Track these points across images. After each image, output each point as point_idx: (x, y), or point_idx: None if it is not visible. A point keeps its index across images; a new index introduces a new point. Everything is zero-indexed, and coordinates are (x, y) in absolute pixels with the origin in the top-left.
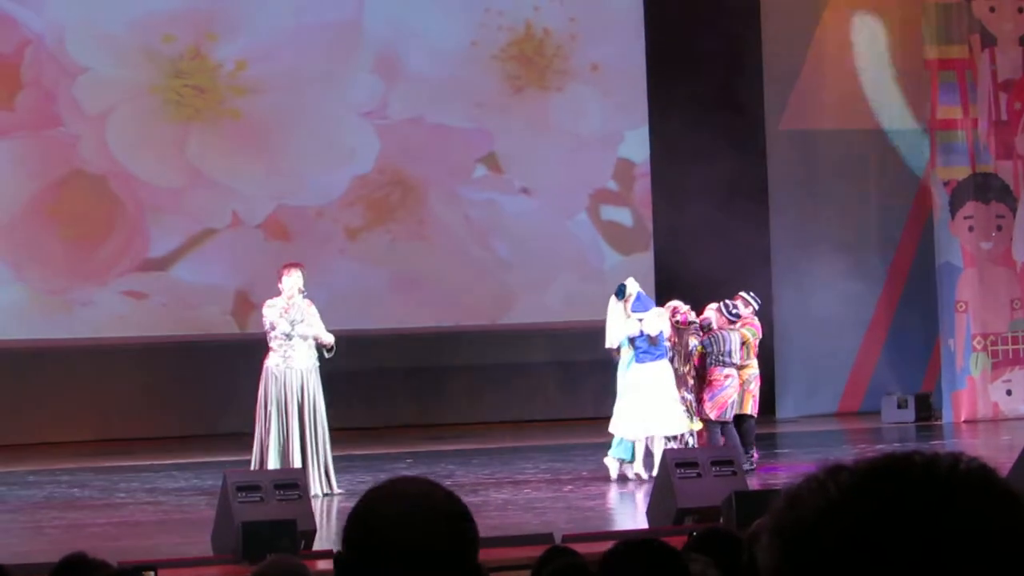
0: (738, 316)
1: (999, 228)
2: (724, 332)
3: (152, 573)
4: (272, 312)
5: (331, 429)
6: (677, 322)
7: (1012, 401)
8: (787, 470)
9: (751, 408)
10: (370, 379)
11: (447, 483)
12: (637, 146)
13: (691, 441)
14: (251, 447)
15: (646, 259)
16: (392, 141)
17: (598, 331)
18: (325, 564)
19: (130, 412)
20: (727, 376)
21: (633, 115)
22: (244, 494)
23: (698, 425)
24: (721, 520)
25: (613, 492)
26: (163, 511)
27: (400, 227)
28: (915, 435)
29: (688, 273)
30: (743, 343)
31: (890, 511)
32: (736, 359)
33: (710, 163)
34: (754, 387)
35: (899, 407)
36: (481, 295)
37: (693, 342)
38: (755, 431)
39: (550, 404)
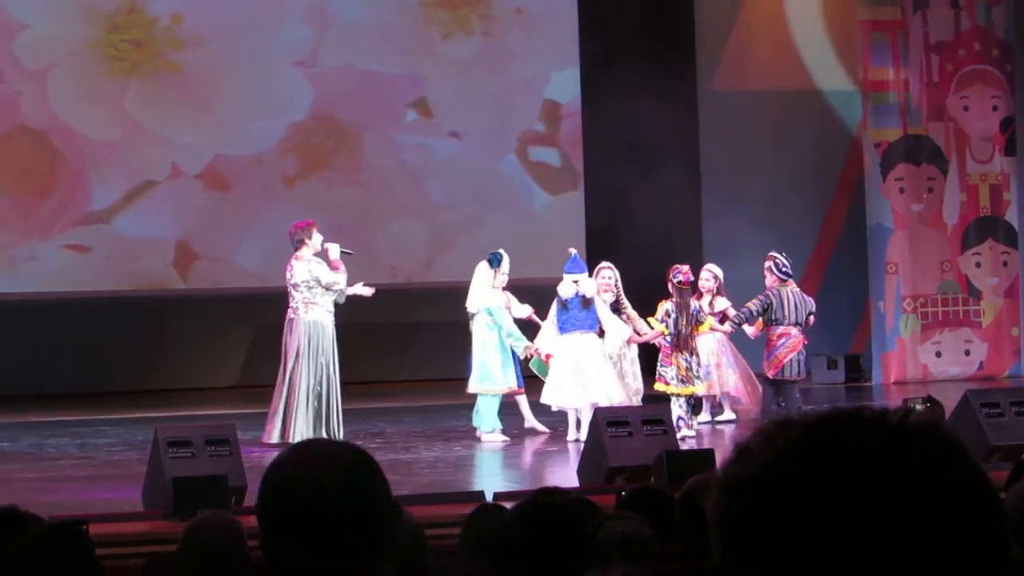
0: (789, 274)
1: (930, 190)
2: (775, 290)
3: (84, 527)
4: (323, 268)
5: (265, 385)
6: (679, 282)
7: (941, 363)
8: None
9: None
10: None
11: (377, 440)
12: (563, 87)
13: (683, 405)
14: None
15: (576, 197)
16: (325, 89)
17: (532, 288)
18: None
19: (68, 366)
20: (781, 335)
21: (559, 57)
22: (175, 449)
23: (700, 389)
24: (652, 479)
25: (546, 450)
26: (93, 466)
27: (336, 174)
28: (845, 396)
29: (619, 218)
30: (801, 302)
31: (839, 463)
32: (792, 317)
33: (641, 112)
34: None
35: (829, 368)
36: (417, 239)
37: (695, 304)
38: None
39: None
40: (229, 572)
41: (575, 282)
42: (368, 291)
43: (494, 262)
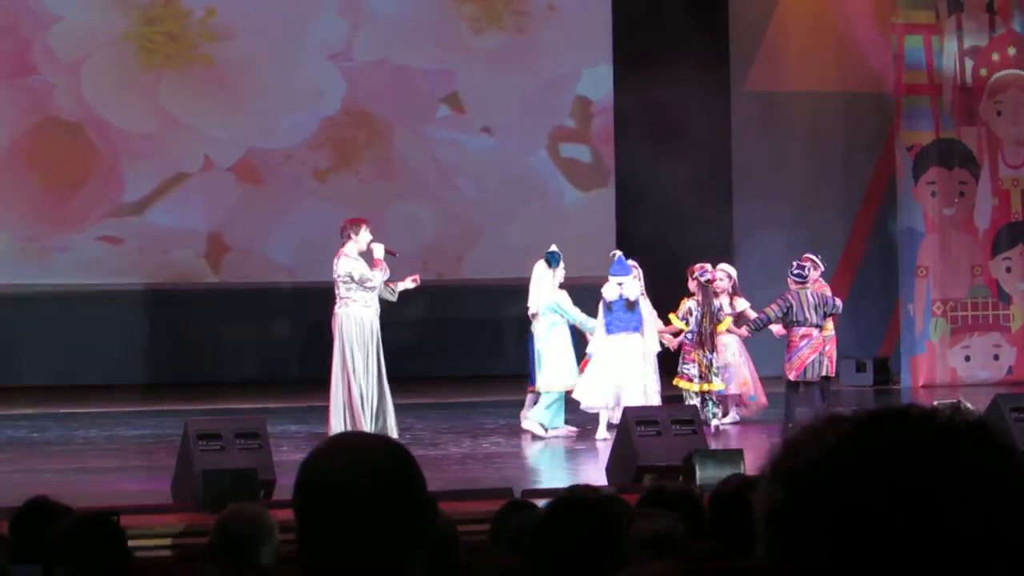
0: (804, 278)
1: (962, 194)
2: (795, 292)
3: (115, 518)
4: (362, 265)
5: (296, 380)
6: (706, 281)
7: (970, 367)
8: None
9: (827, 369)
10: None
11: (405, 436)
12: (595, 84)
13: (710, 404)
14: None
15: (606, 194)
16: (358, 83)
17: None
18: (286, 513)
19: (98, 358)
20: (803, 336)
21: (591, 54)
22: (205, 442)
23: (719, 386)
24: (681, 478)
25: (574, 448)
26: (122, 458)
27: (367, 168)
28: (873, 399)
29: (648, 213)
30: (822, 302)
31: (888, 460)
32: (814, 319)
33: (674, 109)
34: (830, 348)
35: (858, 371)
36: (448, 235)
37: (717, 303)
38: (829, 392)
39: (509, 359)
40: (260, 565)
41: (619, 284)
42: (412, 283)
43: (552, 261)
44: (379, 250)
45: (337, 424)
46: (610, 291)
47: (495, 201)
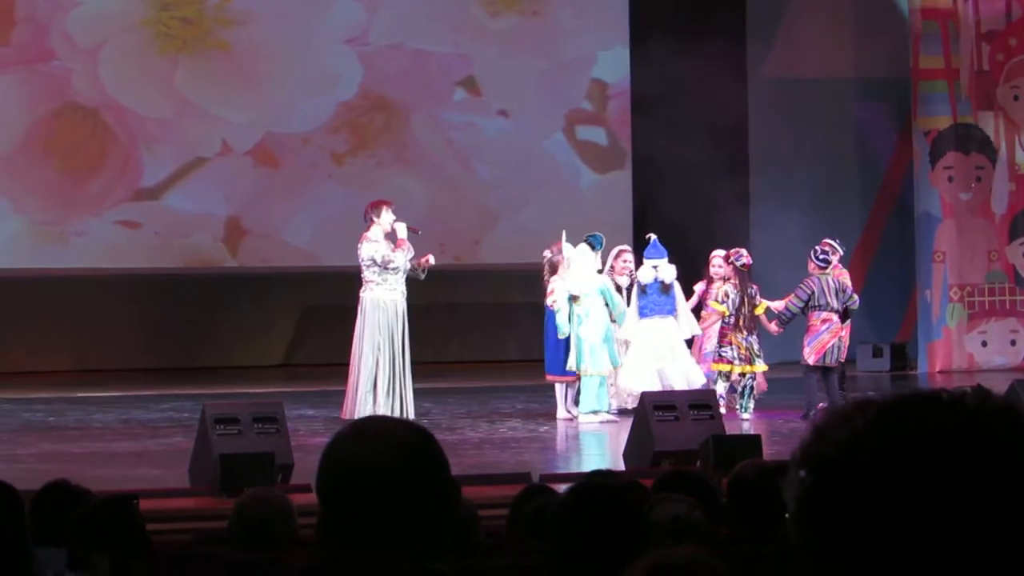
0: (827, 262)
1: (978, 179)
2: (815, 278)
3: (135, 501)
4: (383, 247)
5: (313, 364)
6: (741, 265)
7: (987, 352)
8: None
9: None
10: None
11: (423, 421)
12: (610, 67)
13: (751, 384)
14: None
15: (623, 177)
16: (374, 67)
17: None
18: (303, 498)
19: (114, 343)
20: (824, 321)
21: (607, 37)
22: (222, 426)
23: (761, 367)
24: (698, 463)
25: (591, 432)
26: (139, 442)
27: (385, 152)
28: (890, 384)
29: (665, 195)
30: (841, 289)
31: (917, 444)
32: (834, 304)
33: (691, 95)
34: (844, 334)
35: (875, 356)
36: (465, 218)
37: (752, 287)
38: (845, 376)
39: (525, 343)
40: (279, 548)
41: (654, 267)
42: (429, 259)
43: (596, 244)
44: (402, 229)
45: (353, 408)
46: (645, 274)
47: (512, 184)
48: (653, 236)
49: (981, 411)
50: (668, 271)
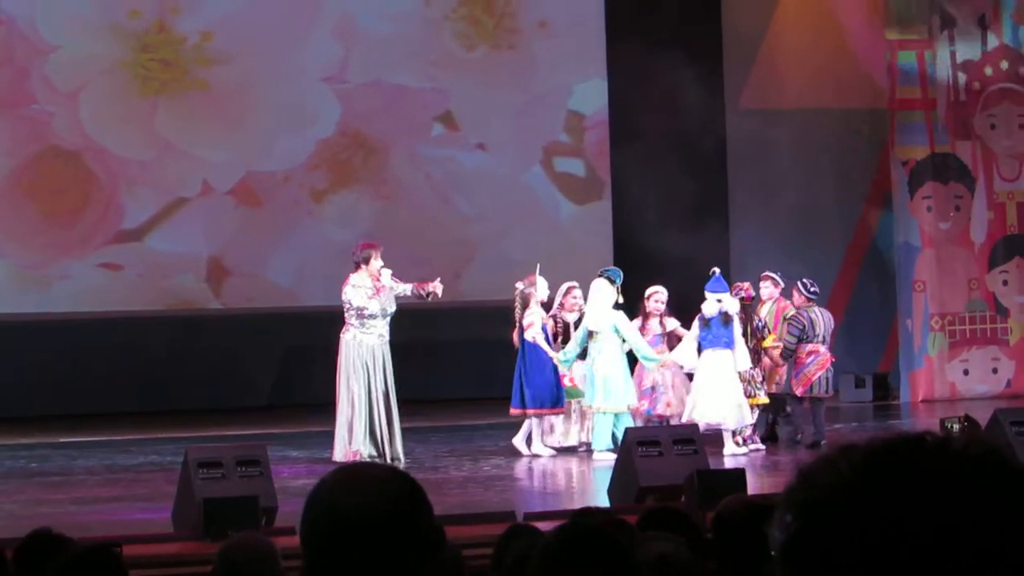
0: (816, 294)
1: (957, 208)
2: (804, 311)
3: (118, 550)
4: (360, 294)
5: (292, 405)
6: (742, 298)
7: (969, 381)
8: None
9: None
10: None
11: (406, 460)
12: (587, 99)
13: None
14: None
15: (603, 207)
16: (352, 104)
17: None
18: (288, 540)
19: (98, 386)
20: (810, 353)
21: (583, 69)
22: (206, 470)
23: (763, 400)
24: (683, 499)
25: (574, 470)
26: (122, 487)
27: (364, 188)
28: (873, 415)
29: (645, 227)
30: (826, 322)
31: (902, 489)
32: (823, 335)
33: (668, 125)
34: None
35: (857, 386)
36: (445, 253)
37: (758, 319)
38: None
39: (508, 380)
40: None
41: (719, 301)
42: (436, 291)
43: (615, 278)
44: (386, 276)
45: (339, 450)
46: (710, 307)
47: (492, 217)
48: (717, 270)
49: (964, 455)
50: (732, 304)
